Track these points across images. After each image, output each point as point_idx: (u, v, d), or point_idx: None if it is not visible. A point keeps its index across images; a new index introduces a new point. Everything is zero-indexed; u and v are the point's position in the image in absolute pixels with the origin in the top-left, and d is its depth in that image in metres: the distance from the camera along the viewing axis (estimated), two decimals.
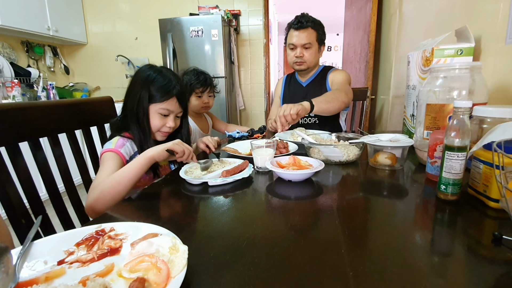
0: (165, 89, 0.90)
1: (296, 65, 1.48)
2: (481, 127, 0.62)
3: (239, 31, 3.23)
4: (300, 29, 1.40)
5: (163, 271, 0.33)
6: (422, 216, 0.54)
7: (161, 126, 0.92)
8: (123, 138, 0.89)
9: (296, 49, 1.44)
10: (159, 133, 0.94)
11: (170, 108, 0.91)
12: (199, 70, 1.49)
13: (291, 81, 1.63)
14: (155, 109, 0.90)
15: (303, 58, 1.44)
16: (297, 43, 1.42)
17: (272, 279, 0.35)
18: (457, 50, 0.87)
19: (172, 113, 0.93)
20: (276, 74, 5.69)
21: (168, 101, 0.90)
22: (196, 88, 1.44)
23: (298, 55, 1.44)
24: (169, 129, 0.93)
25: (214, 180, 0.68)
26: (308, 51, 1.43)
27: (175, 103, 0.92)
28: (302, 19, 1.41)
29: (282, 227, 0.49)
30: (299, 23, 1.41)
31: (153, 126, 0.92)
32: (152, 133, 0.93)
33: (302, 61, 1.45)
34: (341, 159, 0.84)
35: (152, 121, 0.91)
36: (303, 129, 1.24)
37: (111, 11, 3.35)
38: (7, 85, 2.61)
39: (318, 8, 4.84)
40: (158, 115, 0.91)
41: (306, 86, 1.55)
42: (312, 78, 1.55)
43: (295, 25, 1.42)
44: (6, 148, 0.71)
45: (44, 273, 0.37)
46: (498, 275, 0.35)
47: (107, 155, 0.85)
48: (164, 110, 0.90)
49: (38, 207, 0.75)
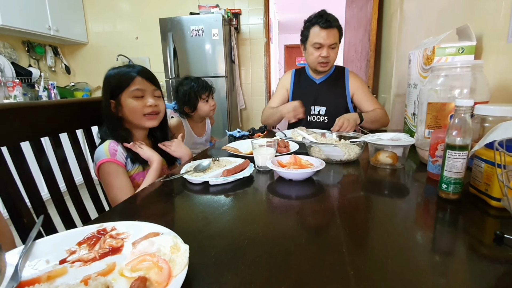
0: (125, 74, 0.90)
1: (321, 66, 1.43)
2: (483, 125, 0.62)
3: (240, 30, 3.22)
4: (328, 28, 1.35)
5: (164, 270, 0.33)
6: (423, 215, 0.54)
7: (141, 107, 0.90)
8: (113, 142, 0.88)
9: (322, 49, 1.38)
10: (145, 119, 0.92)
11: (140, 86, 0.89)
12: (193, 77, 1.53)
13: (301, 76, 1.58)
14: (126, 96, 0.89)
15: (329, 58, 1.40)
16: (325, 43, 1.36)
17: (273, 278, 0.35)
18: (459, 49, 0.87)
19: (146, 92, 0.91)
20: (276, 73, 5.68)
21: (134, 82, 0.89)
22: (202, 94, 1.47)
23: (325, 55, 1.39)
24: (151, 108, 0.91)
25: (215, 179, 0.68)
26: (333, 51, 1.40)
27: (142, 80, 0.90)
28: (329, 18, 1.35)
29: (283, 226, 0.49)
30: (327, 22, 1.34)
31: (132, 113, 0.90)
32: (134, 124, 0.92)
33: (327, 62, 1.42)
34: (342, 158, 0.84)
35: (128, 109, 0.89)
36: (304, 128, 1.24)
37: (112, 10, 3.35)
38: (9, 85, 2.62)
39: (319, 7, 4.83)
40: (132, 99, 0.89)
41: (320, 83, 1.53)
42: (326, 76, 1.52)
43: (323, 23, 1.34)
44: (8, 148, 0.71)
45: (46, 272, 0.37)
46: (500, 274, 0.35)
47: (107, 167, 0.86)
48: (135, 90, 0.89)
49: (40, 207, 0.75)
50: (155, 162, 0.90)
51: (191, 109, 1.50)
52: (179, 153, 1.01)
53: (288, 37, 7.36)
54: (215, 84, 1.63)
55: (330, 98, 1.48)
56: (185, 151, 1.03)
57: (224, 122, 2.89)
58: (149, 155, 0.91)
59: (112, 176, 0.86)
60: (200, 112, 1.51)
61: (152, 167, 0.89)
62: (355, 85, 1.49)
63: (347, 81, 1.50)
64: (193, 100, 1.47)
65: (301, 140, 0.98)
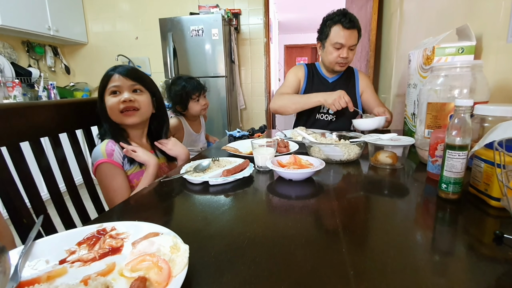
0: (106, 74, 0.90)
1: (339, 66, 1.41)
2: (482, 125, 0.62)
3: (240, 30, 3.23)
4: (351, 29, 1.32)
5: (164, 270, 0.33)
6: (423, 215, 0.54)
7: (116, 104, 0.88)
8: (110, 142, 0.88)
9: (343, 49, 1.36)
10: (122, 116, 0.89)
11: (117, 83, 0.88)
12: (185, 77, 1.57)
13: (314, 73, 1.55)
14: (106, 94, 0.89)
15: (347, 59, 1.39)
16: (346, 44, 1.34)
17: (273, 278, 0.35)
18: (458, 49, 0.87)
19: (123, 88, 0.89)
20: (276, 73, 5.69)
21: (111, 79, 0.88)
22: (193, 94, 1.51)
23: (345, 56, 1.37)
24: (125, 104, 0.88)
25: (215, 179, 0.68)
26: (352, 52, 1.39)
27: (118, 77, 0.88)
28: (352, 18, 1.32)
29: (283, 226, 0.49)
30: (351, 22, 1.31)
31: (110, 111, 0.89)
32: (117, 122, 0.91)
33: (346, 62, 1.41)
34: (342, 158, 0.84)
35: (108, 107, 0.88)
36: (303, 128, 1.24)
37: (112, 10, 3.35)
38: (8, 85, 2.62)
39: (319, 7, 4.84)
40: (109, 96, 0.89)
41: (333, 82, 1.52)
42: (339, 75, 1.52)
43: (347, 23, 1.31)
44: (7, 148, 0.71)
45: (46, 272, 0.37)
46: (499, 274, 0.35)
47: (104, 168, 0.85)
48: (111, 87, 0.88)
49: (40, 207, 0.75)
50: (151, 166, 0.88)
51: (183, 109, 1.54)
52: (175, 152, 1.01)
53: (288, 37, 7.36)
54: (215, 84, 1.65)
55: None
56: (181, 150, 1.02)
57: (224, 122, 2.89)
58: (144, 159, 0.89)
59: (108, 177, 0.85)
60: (191, 111, 1.55)
61: (148, 171, 0.88)
62: (364, 84, 1.51)
63: (357, 80, 1.51)
64: (184, 100, 1.51)
65: (301, 140, 0.98)
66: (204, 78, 1.53)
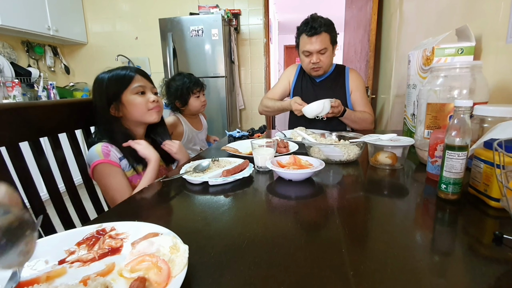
0: (123, 75, 0.92)
1: (314, 71, 1.46)
2: (482, 126, 0.62)
3: (239, 30, 3.23)
4: (314, 36, 1.35)
5: (163, 271, 0.33)
6: (423, 216, 0.54)
7: (145, 103, 0.92)
8: (105, 144, 0.88)
9: (312, 56, 1.40)
10: (150, 113, 0.94)
11: (141, 83, 0.93)
12: (185, 73, 1.58)
13: (304, 73, 1.59)
14: (128, 94, 0.91)
15: (319, 63, 1.41)
16: (314, 50, 1.37)
17: (272, 278, 0.35)
18: (458, 49, 0.87)
19: (147, 88, 0.94)
20: (276, 73, 5.69)
21: (134, 79, 0.92)
22: (194, 89, 1.52)
23: (315, 62, 1.40)
24: (154, 104, 0.94)
25: (215, 180, 0.68)
26: (324, 56, 1.41)
27: (141, 78, 0.93)
28: (314, 24, 1.34)
29: (283, 227, 0.49)
30: (312, 29, 1.34)
31: (136, 109, 0.92)
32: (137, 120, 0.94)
33: (319, 67, 1.43)
34: (342, 159, 0.84)
35: (133, 105, 0.91)
36: (303, 129, 1.24)
37: (111, 10, 3.35)
38: (8, 85, 2.62)
39: (318, 7, 4.84)
40: (135, 95, 0.92)
41: (319, 82, 1.55)
42: (326, 76, 1.54)
43: (308, 31, 1.35)
44: (7, 148, 0.71)
45: (45, 272, 0.37)
46: (499, 275, 0.35)
47: (103, 168, 0.85)
48: (138, 87, 0.92)
49: (39, 207, 0.75)
50: (152, 161, 0.88)
51: (182, 104, 1.54)
52: (180, 156, 1.03)
53: (287, 38, 7.35)
54: (215, 85, 1.67)
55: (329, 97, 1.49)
56: (186, 155, 1.05)
57: (224, 123, 2.89)
58: (147, 153, 0.90)
59: (108, 177, 0.85)
60: (191, 107, 1.55)
61: (150, 166, 0.88)
62: (354, 84, 1.51)
63: (347, 79, 1.51)
64: (185, 95, 1.52)
65: (300, 141, 0.98)
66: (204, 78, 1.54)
